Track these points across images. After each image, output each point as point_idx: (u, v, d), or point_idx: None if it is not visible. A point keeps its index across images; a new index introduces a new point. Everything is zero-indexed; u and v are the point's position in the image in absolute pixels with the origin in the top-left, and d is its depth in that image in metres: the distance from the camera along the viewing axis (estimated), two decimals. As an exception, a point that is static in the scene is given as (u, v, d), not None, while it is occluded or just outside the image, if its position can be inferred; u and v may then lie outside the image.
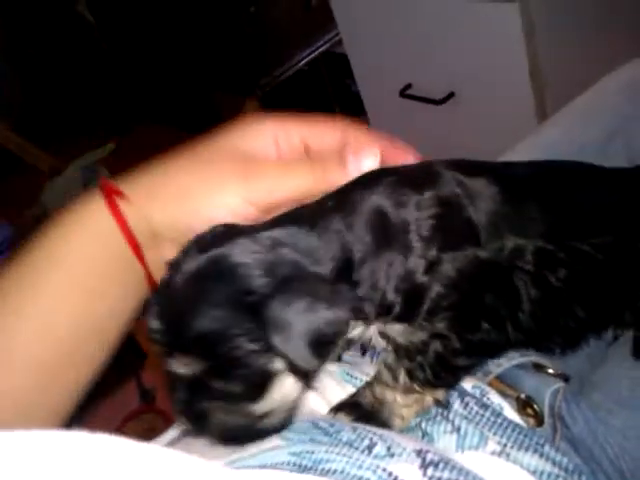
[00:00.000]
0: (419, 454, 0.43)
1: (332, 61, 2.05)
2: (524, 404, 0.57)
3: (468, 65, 1.35)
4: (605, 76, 0.82)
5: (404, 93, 1.53)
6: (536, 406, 0.57)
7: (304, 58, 2.06)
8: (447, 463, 0.43)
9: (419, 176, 0.52)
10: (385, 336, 0.51)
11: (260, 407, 0.45)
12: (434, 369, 0.50)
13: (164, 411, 1.48)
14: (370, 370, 0.57)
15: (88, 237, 0.49)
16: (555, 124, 0.84)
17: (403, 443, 0.45)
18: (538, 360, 0.60)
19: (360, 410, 0.54)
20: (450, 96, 1.44)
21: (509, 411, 0.55)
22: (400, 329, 0.49)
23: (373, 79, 1.67)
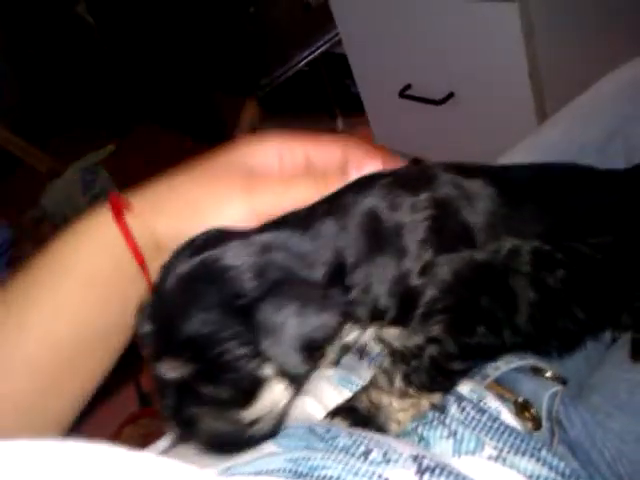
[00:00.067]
0: (415, 460, 0.43)
1: (332, 61, 2.05)
2: (522, 408, 0.57)
3: (468, 65, 1.35)
4: (605, 76, 0.81)
5: (404, 93, 1.53)
6: (534, 410, 0.57)
7: (304, 59, 2.06)
8: (443, 469, 0.43)
9: (414, 178, 0.52)
10: (381, 340, 0.51)
11: (249, 414, 0.45)
12: (430, 373, 0.50)
13: (163, 415, 1.48)
14: (367, 374, 0.57)
15: (95, 247, 0.51)
16: (555, 124, 0.83)
17: (399, 449, 0.44)
18: (536, 364, 0.60)
19: (356, 415, 0.53)
20: (450, 96, 1.43)
21: (506, 415, 0.54)
22: (396, 333, 0.49)
23: (373, 79, 1.67)
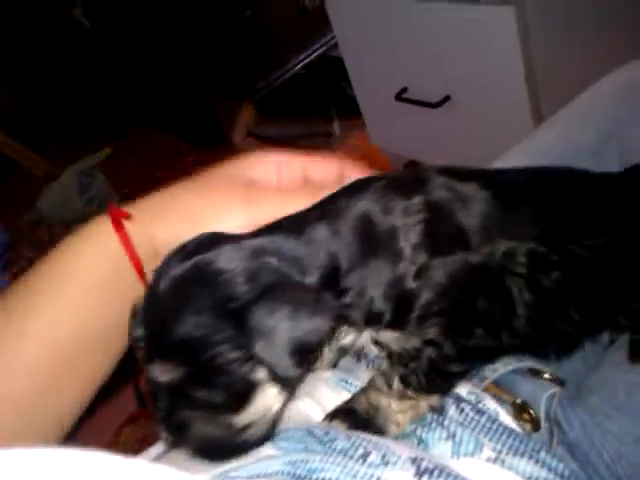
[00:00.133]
0: (414, 462, 0.43)
1: (328, 65, 2.06)
2: (520, 409, 0.57)
3: (464, 69, 1.35)
4: (600, 79, 0.82)
5: (400, 96, 1.53)
6: (532, 411, 0.56)
7: (300, 62, 2.06)
8: (442, 470, 0.43)
9: (408, 181, 0.52)
10: (378, 343, 0.51)
11: (241, 418, 0.45)
12: (428, 375, 0.50)
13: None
14: (365, 376, 0.57)
15: (95, 254, 0.53)
16: (551, 127, 0.83)
17: (398, 451, 0.44)
18: (534, 365, 0.60)
19: (355, 416, 0.53)
20: (446, 99, 1.44)
21: (505, 417, 0.54)
22: (393, 336, 0.49)
23: (369, 82, 1.67)
